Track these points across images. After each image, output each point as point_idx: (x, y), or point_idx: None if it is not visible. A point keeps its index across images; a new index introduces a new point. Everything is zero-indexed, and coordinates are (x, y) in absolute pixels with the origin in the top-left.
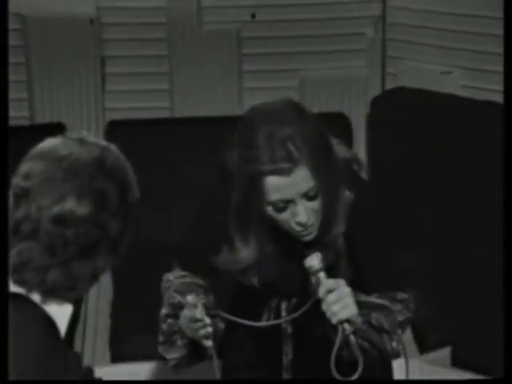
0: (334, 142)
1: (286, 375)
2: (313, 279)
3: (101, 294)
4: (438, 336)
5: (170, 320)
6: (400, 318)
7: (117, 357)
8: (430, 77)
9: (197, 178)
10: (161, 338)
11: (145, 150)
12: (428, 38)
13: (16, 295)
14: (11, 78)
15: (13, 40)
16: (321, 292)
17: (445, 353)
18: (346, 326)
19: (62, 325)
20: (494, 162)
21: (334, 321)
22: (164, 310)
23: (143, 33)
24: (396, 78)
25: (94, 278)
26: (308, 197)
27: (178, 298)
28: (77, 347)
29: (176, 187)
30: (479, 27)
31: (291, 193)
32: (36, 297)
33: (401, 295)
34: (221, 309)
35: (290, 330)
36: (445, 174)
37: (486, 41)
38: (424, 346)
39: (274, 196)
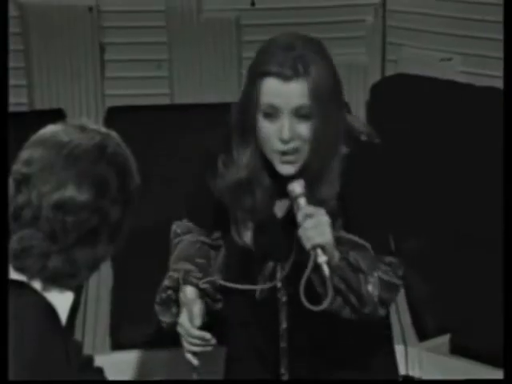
0: (352, 116)
1: (282, 344)
2: (294, 205)
3: (101, 282)
4: (437, 323)
5: (169, 292)
6: (385, 277)
7: (117, 345)
8: (430, 63)
9: (196, 163)
10: (158, 299)
11: (145, 137)
12: (428, 25)
13: (17, 282)
14: (10, 64)
15: (11, 27)
16: (299, 217)
17: (444, 340)
18: (319, 251)
19: (63, 312)
20: (493, 148)
21: (308, 246)
22: (166, 283)
23: (142, 20)
24: (396, 65)
25: (95, 265)
26: (298, 114)
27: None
28: (77, 335)
29: (176, 173)
30: (479, 13)
31: (283, 101)
32: (37, 284)
33: (389, 258)
34: (220, 275)
35: (284, 299)
36: (445, 161)
37: (485, 27)
38: (423, 334)
39: (266, 98)
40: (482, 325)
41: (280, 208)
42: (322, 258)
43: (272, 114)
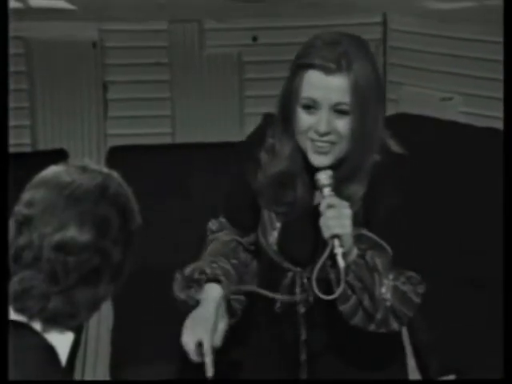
0: (390, 137)
1: (302, 357)
2: (319, 195)
3: (101, 322)
4: (442, 363)
5: (203, 276)
6: (401, 287)
7: None
8: (430, 103)
9: (198, 202)
10: (189, 273)
11: (146, 176)
12: (429, 63)
13: (17, 323)
14: (13, 104)
15: (15, 65)
16: (322, 206)
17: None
18: (337, 242)
19: (63, 353)
20: (494, 188)
21: (327, 234)
22: (205, 267)
23: (145, 57)
24: (396, 104)
25: (96, 305)
26: (337, 110)
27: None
28: (77, 375)
29: (177, 212)
30: (480, 53)
31: (323, 95)
32: (37, 325)
33: (410, 273)
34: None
35: (302, 311)
36: (446, 201)
37: (486, 66)
38: (427, 375)
39: (307, 91)
40: (486, 366)
41: (313, 213)
42: (338, 249)
43: (311, 106)
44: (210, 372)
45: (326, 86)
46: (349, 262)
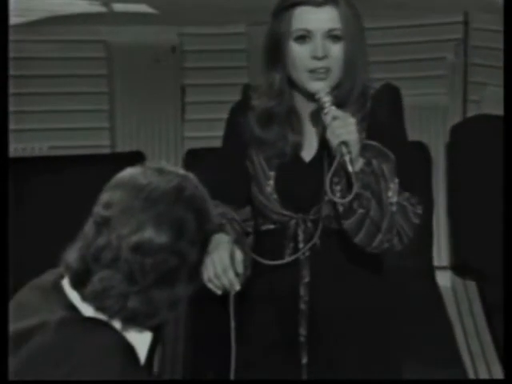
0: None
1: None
2: (321, 114)
3: (178, 321)
4: None
5: None
6: (403, 203)
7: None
8: None
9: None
10: None
11: None
12: None
13: (98, 321)
14: (94, 107)
15: (96, 69)
16: (327, 119)
17: None
18: (344, 149)
19: (142, 352)
20: None
21: (336, 142)
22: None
23: (223, 60)
24: (478, 106)
25: (174, 305)
26: (330, 36)
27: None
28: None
29: None
30: None
31: (315, 25)
32: (117, 324)
33: (406, 194)
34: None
35: (307, 254)
36: None
37: None
38: None
39: (298, 24)
40: None
41: (308, 153)
42: (347, 156)
43: (305, 36)
44: (237, 286)
45: (317, 17)
46: (356, 171)
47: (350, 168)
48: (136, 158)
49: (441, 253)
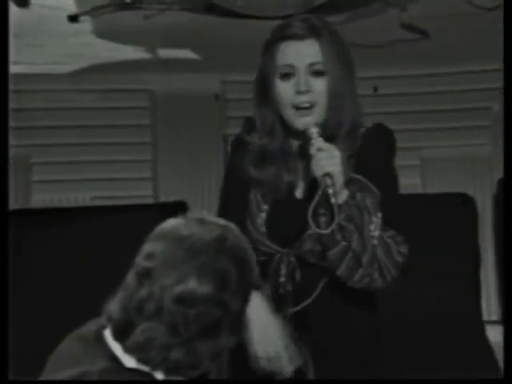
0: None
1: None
2: (308, 144)
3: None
4: None
5: None
6: (387, 240)
7: None
8: None
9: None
10: None
11: None
12: None
13: (141, 372)
14: (137, 157)
15: (140, 118)
16: (312, 150)
17: None
18: (328, 180)
19: None
20: None
21: (320, 173)
22: None
23: None
24: None
25: (217, 356)
26: (313, 71)
27: None
28: None
29: None
30: None
31: (298, 60)
32: (159, 375)
33: (392, 232)
34: None
35: (289, 289)
36: None
37: None
38: None
39: (282, 59)
40: None
41: (300, 189)
42: (330, 188)
43: (288, 73)
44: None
45: (299, 51)
46: (340, 202)
47: (332, 200)
48: (179, 207)
49: (491, 307)
